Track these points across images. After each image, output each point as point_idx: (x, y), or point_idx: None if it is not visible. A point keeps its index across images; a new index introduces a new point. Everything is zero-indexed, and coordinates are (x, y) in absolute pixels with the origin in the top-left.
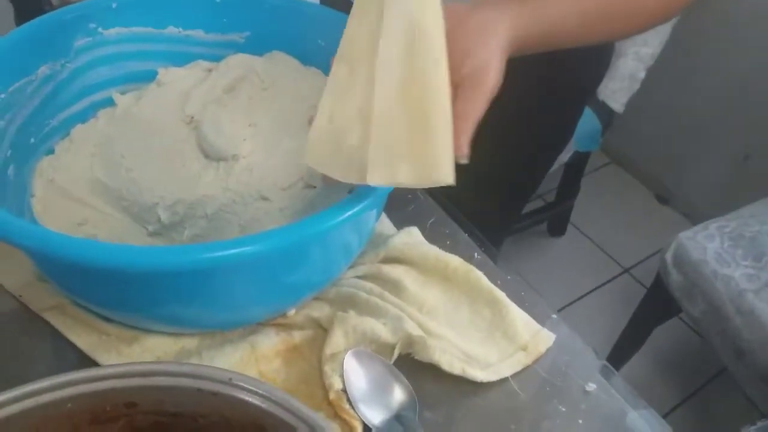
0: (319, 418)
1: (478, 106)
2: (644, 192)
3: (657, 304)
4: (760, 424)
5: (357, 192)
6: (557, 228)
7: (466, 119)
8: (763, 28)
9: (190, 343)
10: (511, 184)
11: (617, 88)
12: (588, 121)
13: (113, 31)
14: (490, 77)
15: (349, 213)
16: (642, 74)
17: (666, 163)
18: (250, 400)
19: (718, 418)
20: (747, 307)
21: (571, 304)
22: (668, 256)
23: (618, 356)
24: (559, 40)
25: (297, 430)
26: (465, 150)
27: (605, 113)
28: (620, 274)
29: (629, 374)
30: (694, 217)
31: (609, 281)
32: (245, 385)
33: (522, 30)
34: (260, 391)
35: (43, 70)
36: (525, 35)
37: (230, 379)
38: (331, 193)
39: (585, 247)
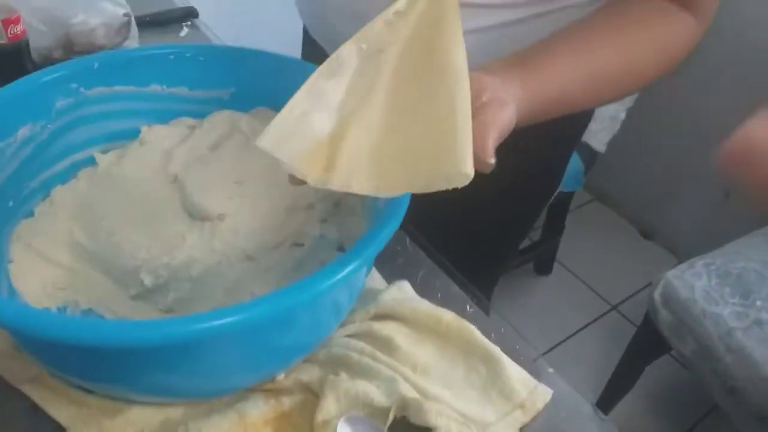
0: None
1: (502, 117)
2: (628, 228)
3: (647, 341)
4: None
5: (348, 251)
6: (544, 267)
7: (492, 124)
8: (739, 67)
9: (174, 413)
10: (500, 235)
11: (599, 129)
12: (571, 161)
13: (95, 91)
14: (510, 106)
15: (340, 275)
16: (623, 115)
17: (649, 199)
18: None
19: None
20: (736, 345)
21: (561, 343)
22: (656, 295)
23: (611, 395)
24: (565, 107)
25: None
26: (491, 151)
27: (588, 153)
28: (608, 311)
29: (622, 412)
30: (679, 251)
31: (597, 319)
32: None
33: (529, 94)
34: None
35: (23, 131)
36: (532, 99)
37: None
38: (320, 252)
39: (572, 285)
